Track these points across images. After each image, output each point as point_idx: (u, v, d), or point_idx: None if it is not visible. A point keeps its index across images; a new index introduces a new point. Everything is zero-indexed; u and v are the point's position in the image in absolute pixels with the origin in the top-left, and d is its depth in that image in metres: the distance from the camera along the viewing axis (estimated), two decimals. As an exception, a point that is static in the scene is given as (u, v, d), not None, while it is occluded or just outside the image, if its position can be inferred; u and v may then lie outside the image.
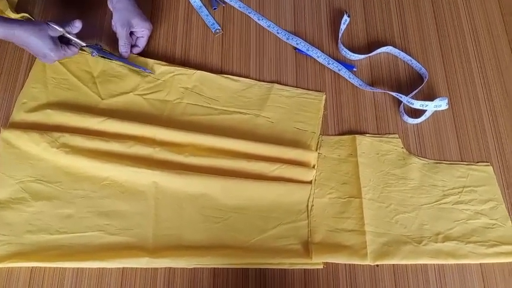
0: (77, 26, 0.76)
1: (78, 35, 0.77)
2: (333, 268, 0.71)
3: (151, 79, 0.82)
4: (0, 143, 0.73)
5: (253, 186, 0.73)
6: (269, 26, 0.90)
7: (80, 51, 0.80)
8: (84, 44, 0.78)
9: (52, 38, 0.73)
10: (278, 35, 0.90)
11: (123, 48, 0.80)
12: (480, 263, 0.72)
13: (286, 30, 0.90)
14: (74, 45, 0.77)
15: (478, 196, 0.77)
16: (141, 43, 0.83)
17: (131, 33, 0.81)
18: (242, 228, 0.72)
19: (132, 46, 0.82)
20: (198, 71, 0.83)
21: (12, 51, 0.83)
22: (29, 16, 0.83)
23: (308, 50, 0.87)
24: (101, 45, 0.80)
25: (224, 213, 0.72)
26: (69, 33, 0.75)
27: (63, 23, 0.74)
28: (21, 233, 0.67)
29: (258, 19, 0.91)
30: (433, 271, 0.72)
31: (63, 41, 0.76)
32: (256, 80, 0.85)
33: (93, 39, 0.84)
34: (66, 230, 0.68)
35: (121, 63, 0.81)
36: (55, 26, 0.73)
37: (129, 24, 0.79)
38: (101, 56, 0.81)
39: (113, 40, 0.81)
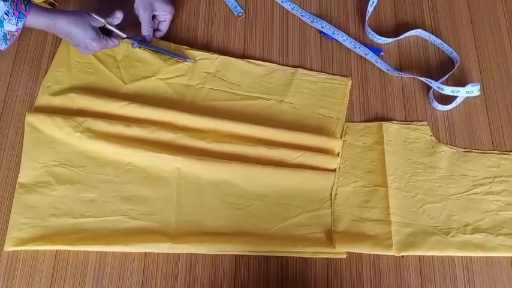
0: (118, 17, 0.75)
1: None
2: (356, 258, 0.69)
3: (173, 62, 0.81)
4: (26, 127, 0.73)
5: (276, 173, 0.72)
6: (293, 9, 0.88)
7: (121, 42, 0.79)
8: (125, 36, 0.77)
9: (94, 28, 0.72)
10: (302, 18, 0.87)
11: (145, 31, 0.79)
12: (510, 257, 0.70)
13: (310, 13, 0.88)
14: (114, 37, 0.76)
15: (510, 187, 0.75)
16: (164, 27, 0.82)
17: (153, 17, 0.80)
18: (264, 215, 0.71)
19: (155, 30, 0.81)
20: (221, 56, 0.82)
21: (36, 35, 0.82)
22: (53, 1, 0.82)
23: (333, 34, 0.85)
24: (142, 37, 0.79)
25: (246, 200, 0.72)
26: (110, 24, 0.74)
27: (104, 14, 0.74)
28: (45, 216, 0.68)
29: (282, 1, 0.88)
30: (460, 264, 0.70)
31: (103, 32, 0.75)
32: (279, 64, 0.83)
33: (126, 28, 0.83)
34: (90, 214, 0.69)
35: (163, 54, 0.80)
36: (96, 17, 0.72)
37: (151, 8, 0.78)
38: (142, 48, 0.80)
39: (135, 24, 0.80)
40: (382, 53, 0.85)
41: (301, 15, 0.87)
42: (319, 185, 0.73)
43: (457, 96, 0.78)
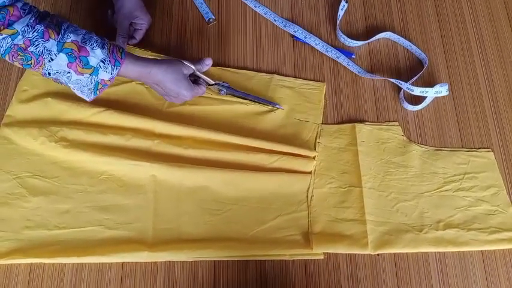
0: (208, 64, 0.74)
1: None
2: (333, 258, 0.70)
3: None
4: None
5: (253, 178, 0.72)
6: (266, 14, 0.89)
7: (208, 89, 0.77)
8: (213, 82, 0.76)
9: (186, 77, 0.71)
10: (275, 23, 0.88)
11: (121, 38, 0.78)
12: (481, 250, 0.72)
13: (283, 18, 0.89)
14: (201, 84, 0.74)
15: (479, 183, 0.77)
16: (139, 35, 0.82)
17: (129, 24, 0.80)
18: (242, 220, 0.71)
19: (130, 37, 0.81)
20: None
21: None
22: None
23: (306, 38, 0.86)
24: (228, 83, 0.78)
25: (223, 206, 0.72)
26: (199, 71, 0.73)
27: (193, 61, 0.73)
28: (19, 229, 0.67)
29: (255, 6, 0.89)
30: (434, 259, 0.71)
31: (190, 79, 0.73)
32: (254, 69, 0.84)
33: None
34: (65, 225, 0.68)
35: (253, 100, 0.79)
36: (189, 64, 0.71)
37: (131, 16, 0.78)
38: (230, 94, 0.78)
39: (110, 30, 0.79)
40: (353, 56, 0.86)
41: (274, 20, 0.88)
42: (295, 188, 0.74)
43: (427, 97, 0.80)
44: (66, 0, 0.87)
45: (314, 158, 0.76)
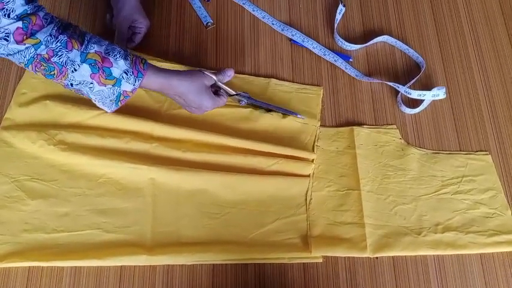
0: (229, 75, 0.73)
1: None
2: (332, 261, 0.70)
3: None
4: None
5: (252, 181, 0.72)
6: (264, 17, 0.89)
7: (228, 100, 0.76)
8: (234, 93, 0.75)
9: (207, 88, 0.70)
10: (273, 26, 0.89)
11: (119, 41, 0.79)
12: (480, 253, 0.72)
13: (281, 21, 0.89)
14: (222, 94, 0.74)
15: (477, 185, 0.77)
16: (137, 39, 0.82)
17: (128, 28, 0.80)
18: (240, 223, 0.71)
19: (128, 40, 0.81)
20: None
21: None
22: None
23: (304, 41, 0.86)
24: (248, 93, 0.77)
25: (222, 209, 0.72)
26: (220, 82, 0.73)
27: (215, 71, 0.72)
28: (17, 232, 0.67)
29: (253, 10, 0.90)
30: (432, 262, 0.71)
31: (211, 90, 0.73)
32: (252, 73, 0.84)
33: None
34: (63, 229, 0.68)
35: (275, 110, 0.79)
36: (210, 75, 0.70)
37: (130, 19, 0.78)
38: (251, 104, 0.78)
39: (105, 33, 0.79)
40: (351, 60, 0.87)
41: (272, 24, 0.89)
42: (294, 191, 0.74)
43: (424, 100, 0.81)
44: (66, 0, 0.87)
45: (313, 161, 0.76)
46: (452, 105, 0.84)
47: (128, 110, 0.75)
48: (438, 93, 0.80)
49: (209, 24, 0.87)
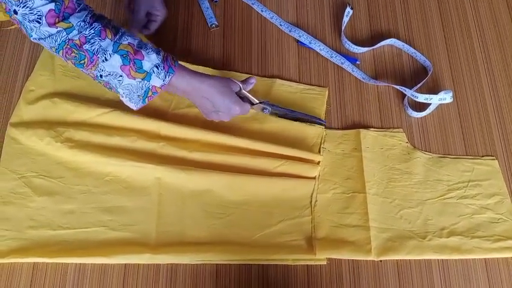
0: (252, 82, 0.72)
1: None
2: (336, 264, 0.70)
3: None
4: (6, 138, 0.73)
5: (257, 182, 0.72)
6: (272, 18, 0.89)
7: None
8: (257, 101, 0.74)
9: (235, 93, 0.70)
10: (281, 27, 0.89)
11: (135, 25, 0.78)
12: (484, 258, 0.72)
13: (288, 22, 0.89)
14: (246, 102, 0.73)
15: (483, 190, 0.77)
16: (153, 27, 0.81)
17: (145, 15, 0.80)
18: (245, 224, 0.71)
19: (143, 27, 0.81)
20: (201, 67, 0.82)
21: (12, 45, 0.82)
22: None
23: (310, 43, 0.86)
24: (269, 101, 0.77)
25: (227, 209, 0.72)
26: (244, 90, 0.72)
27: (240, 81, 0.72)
28: (23, 228, 0.67)
29: (261, 10, 0.90)
30: (437, 266, 0.71)
31: None
32: (259, 74, 0.84)
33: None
34: (68, 226, 0.68)
35: (298, 117, 0.78)
36: (236, 82, 0.70)
37: (149, 5, 0.78)
38: (274, 113, 0.78)
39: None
40: (358, 62, 0.86)
41: (280, 25, 0.89)
42: (299, 193, 0.74)
43: (431, 104, 0.80)
44: None
45: (318, 163, 0.76)
46: (459, 109, 0.84)
47: (135, 108, 0.76)
48: (445, 97, 0.80)
49: (213, 26, 0.87)
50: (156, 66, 0.61)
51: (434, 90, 0.85)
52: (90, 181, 0.71)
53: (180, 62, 0.65)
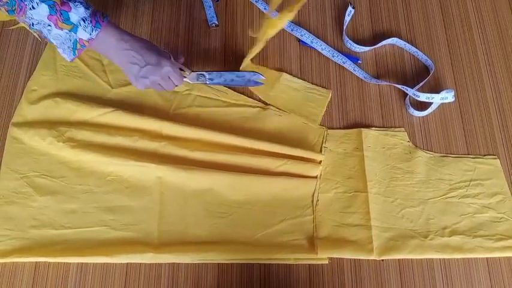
0: (181, 57, 0.73)
1: None
2: (338, 263, 0.70)
3: None
4: (8, 138, 0.73)
5: (259, 181, 0.72)
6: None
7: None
8: (190, 71, 0.74)
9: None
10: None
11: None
12: (486, 258, 0.72)
13: (290, 21, 0.89)
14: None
15: (485, 190, 0.77)
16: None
17: None
18: (247, 223, 0.71)
19: None
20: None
21: (14, 44, 0.82)
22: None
23: (312, 42, 0.86)
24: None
25: (229, 209, 0.72)
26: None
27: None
28: (25, 227, 0.68)
29: (264, 9, 0.90)
30: (438, 265, 0.71)
31: None
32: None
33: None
34: (70, 225, 0.68)
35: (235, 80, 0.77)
36: (166, 51, 0.70)
37: None
38: (211, 80, 0.75)
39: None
40: (359, 61, 0.86)
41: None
42: (301, 192, 0.74)
43: (433, 103, 0.80)
44: None
45: (320, 162, 0.76)
46: (460, 108, 0.84)
47: (137, 108, 0.76)
48: (447, 96, 0.79)
49: (213, 25, 0.87)
50: (83, 20, 0.61)
51: (436, 89, 0.85)
52: (92, 181, 0.71)
53: (110, 20, 0.65)
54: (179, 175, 0.71)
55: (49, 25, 0.61)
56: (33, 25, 0.61)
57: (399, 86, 0.83)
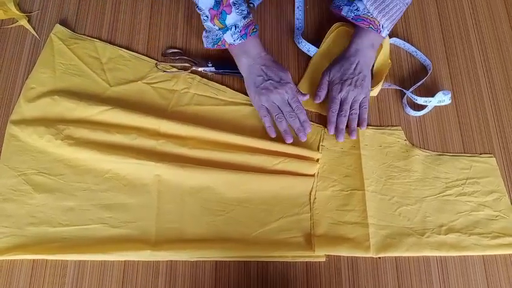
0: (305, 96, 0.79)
1: None
2: (335, 260, 0.70)
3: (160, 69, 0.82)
4: (6, 135, 0.73)
5: (256, 179, 0.73)
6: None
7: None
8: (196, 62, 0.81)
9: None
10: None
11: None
12: (483, 255, 0.72)
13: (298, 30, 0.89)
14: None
15: (481, 188, 0.77)
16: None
17: None
18: (244, 221, 0.71)
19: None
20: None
21: (13, 43, 0.82)
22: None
23: (309, 51, 0.86)
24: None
25: (226, 206, 0.72)
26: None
27: None
28: (23, 225, 0.68)
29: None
30: (435, 263, 0.71)
31: None
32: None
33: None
34: (68, 223, 0.68)
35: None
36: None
37: None
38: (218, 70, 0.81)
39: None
40: (357, 61, 0.87)
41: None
42: (298, 190, 0.74)
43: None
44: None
45: (317, 160, 0.76)
46: (457, 107, 0.84)
47: (135, 106, 0.76)
48: (444, 99, 0.80)
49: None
50: (235, 26, 0.68)
51: (432, 89, 0.85)
52: (90, 178, 0.71)
53: (256, 37, 0.73)
54: (177, 173, 0.71)
55: (206, 16, 0.68)
56: (197, 6, 0.70)
57: (396, 87, 0.83)
